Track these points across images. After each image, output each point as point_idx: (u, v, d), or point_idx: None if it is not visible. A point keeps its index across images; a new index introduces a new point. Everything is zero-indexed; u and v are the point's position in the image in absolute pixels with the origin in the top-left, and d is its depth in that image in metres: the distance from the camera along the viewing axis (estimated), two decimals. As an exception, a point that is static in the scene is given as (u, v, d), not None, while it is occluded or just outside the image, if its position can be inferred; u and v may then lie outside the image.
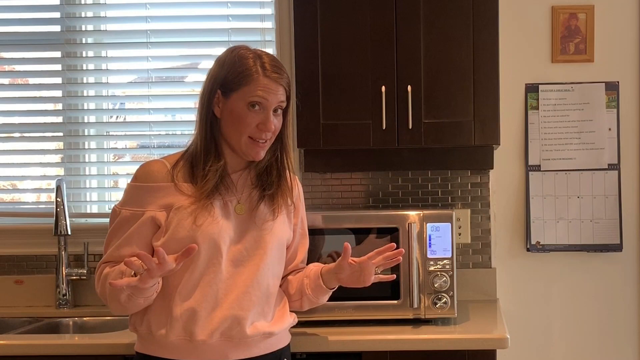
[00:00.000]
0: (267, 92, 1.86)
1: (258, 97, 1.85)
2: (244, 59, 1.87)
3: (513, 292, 2.85)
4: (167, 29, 2.98)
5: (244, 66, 1.86)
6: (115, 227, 1.92)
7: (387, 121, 2.46)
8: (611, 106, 2.81)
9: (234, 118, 1.86)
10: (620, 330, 2.85)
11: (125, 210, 1.90)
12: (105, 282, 1.86)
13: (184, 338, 1.86)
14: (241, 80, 1.85)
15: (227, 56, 1.90)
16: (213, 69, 1.92)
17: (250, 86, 1.85)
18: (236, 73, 1.86)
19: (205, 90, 1.91)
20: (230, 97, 1.87)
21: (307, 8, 2.49)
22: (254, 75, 1.85)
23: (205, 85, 1.92)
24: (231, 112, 1.87)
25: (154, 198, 1.88)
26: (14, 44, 3.01)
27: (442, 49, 2.47)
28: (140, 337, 1.94)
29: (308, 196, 2.87)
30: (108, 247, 1.93)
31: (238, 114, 1.86)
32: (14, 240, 2.93)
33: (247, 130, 1.87)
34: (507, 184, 2.86)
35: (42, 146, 3.05)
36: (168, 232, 1.85)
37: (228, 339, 1.89)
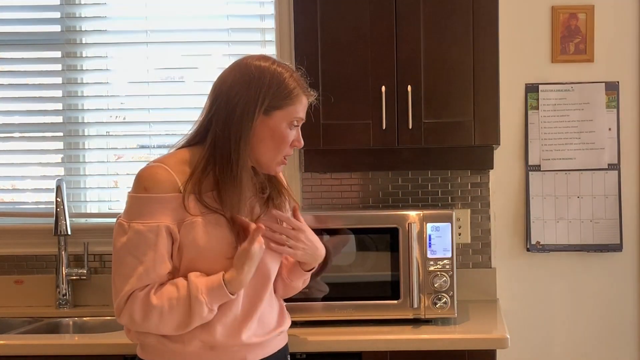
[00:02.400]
0: (305, 110, 1.89)
1: (301, 116, 1.87)
2: (282, 75, 1.83)
3: (513, 292, 2.85)
4: (167, 28, 2.98)
5: (285, 84, 1.83)
6: (130, 245, 1.76)
7: (387, 121, 2.46)
8: (611, 106, 2.81)
9: (275, 137, 1.84)
10: (620, 330, 2.85)
11: (137, 224, 1.76)
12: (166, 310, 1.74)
13: (202, 347, 1.83)
14: (287, 100, 1.83)
15: (263, 73, 1.82)
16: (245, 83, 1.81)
17: (296, 106, 1.84)
18: (279, 92, 1.82)
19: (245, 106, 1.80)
20: (273, 116, 1.83)
21: (307, 8, 2.49)
22: (300, 97, 1.85)
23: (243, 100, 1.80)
24: (274, 131, 1.83)
25: (166, 209, 1.77)
26: (14, 44, 3.01)
27: (442, 49, 2.48)
28: (146, 345, 1.87)
29: (308, 196, 2.87)
30: (127, 267, 1.76)
31: (282, 133, 1.84)
32: (14, 240, 2.93)
33: (285, 148, 1.86)
34: (507, 184, 2.86)
35: (42, 146, 3.05)
36: (183, 248, 1.79)
37: (247, 346, 1.88)
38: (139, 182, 1.79)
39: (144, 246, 1.75)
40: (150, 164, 1.83)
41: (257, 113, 1.80)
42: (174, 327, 1.77)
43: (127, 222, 1.77)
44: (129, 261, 1.76)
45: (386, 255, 2.40)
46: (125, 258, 1.76)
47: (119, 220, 1.80)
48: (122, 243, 1.77)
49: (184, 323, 1.77)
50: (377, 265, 2.41)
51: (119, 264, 1.78)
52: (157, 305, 1.74)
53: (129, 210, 1.79)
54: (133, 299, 1.75)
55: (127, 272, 1.76)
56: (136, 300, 1.75)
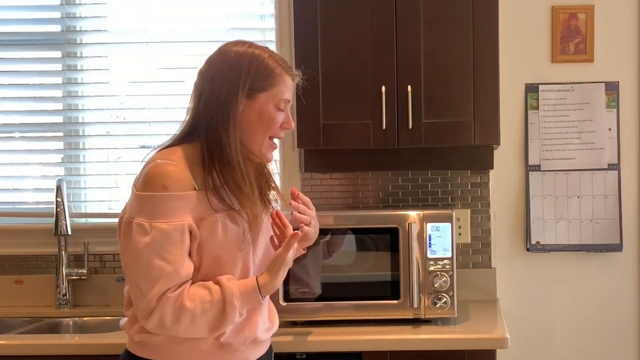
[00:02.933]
0: (290, 90, 1.87)
1: (286, 97, 1.85)
2: (261, 57, 1.83)
3: (513, 292, 2.86)
4: (167, 28, 2.98)
5: (265, 66, 1.82)
6: (156, 245, 1.70)
7: (387, 121, 2.46)
8: (611, 106, 2.81)
9: (263, 120, 1.82)
10: (620, 330, 2.85)
11: (161, 223, 1.70)
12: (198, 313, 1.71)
13: (213, 345, 1.82)
14: (269, 81, 1.82)
15: (241, 57, 1.82)
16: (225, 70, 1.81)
17: (280, 87, 1.83)
18: (260, 74, 1.81)
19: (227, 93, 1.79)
20: (257, 99, 1.81)
21: (307, 8, 2.49)
22: (283, 77, 1.84)
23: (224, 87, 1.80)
24: (260, 114, 1.82)
25: (187, 207, 1.74)
26: (14, 44, 3.01)
27: (442, 49, 2.48)
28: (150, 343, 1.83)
29: (308, 196, 2.85)
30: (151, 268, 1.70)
31: (269, 115, 1.82)
32: (14, 240, 2.93)
33: (273, 130, 1.84)
34: (507, 184, 2.86)
35: (42, 146, 3.05)
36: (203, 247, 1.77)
37: (253, 344, 1.90)
38: (156, 180, 1.74)
39: (170, 245, 1.71)
40: (159, 162, 1.77)
41: (240, 97, 1.80)
42: (203, 330, 1.75)
43: (149, 222, 1.71)
44: (156, 262, 1.70)
45: (386, 255, 2.40)
46: (151, 259, 1.70)
47: (136, 220, 1.72)
48: (145, 244, 1.70)
49: (215, 327, 1.75)
50: (377, 265, 2.41)
51: (144, 266, 1.71)
52: (190, 308, 1.70)
53: (147, 209, 1.72)
54: (165, 300, 1.70)
55: (156, 274, 1.70)
56: (168, 302, 1.70)
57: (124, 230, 1.79)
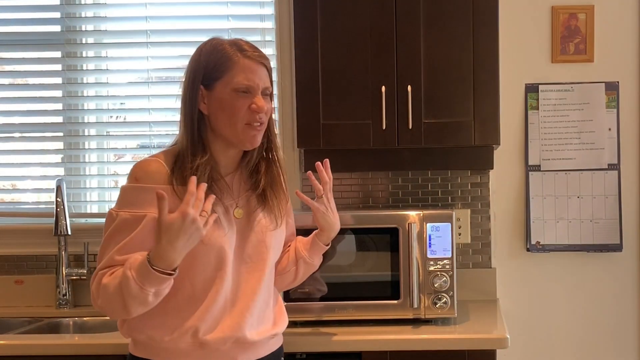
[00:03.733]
0: (251, 73, 1.80)
1: (243, 80, 1.80)
2: (220, 45, 1.83)
3: (513, 292, 2.85)
4: (167, 28, 2.98)
5: (220, 52, 1.81)
6: (113, 232, 1.78)
7: (387, 121, 2.46)
8: (611, 106, 2.81)
9: (224, 107, 1.80)
10: (620, 330, 2.85)
11: (124, 212, 1.78)
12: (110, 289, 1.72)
13: (193, 344, 1.82)
14: (222, 67, 1.80)
15: (202, 49, 1.86)
16: (190, 65, 1.86)
17: (233, 70, 1.79)
18: (215, 61, 1.81)
19: (186, 88, 1.84)
20: (215, 88, 1.81)
21: (307, 8, 2.49)
22: (234, 59, 1.80)
23: (185, 83, 1.85)
24: (220, 102, 1.81)
25: (154, 200, 1.75)
26: (14, 44, 3.01)
27: (442, 49, 2.48)
28: (138, 342, 1.88)
29: (308, 196, 2.86)
30: (105, 253, 1.79)
31: (227, 102, 1.80)
32: (14, 240, 2.93)
33: (240, 116, 1.80)
34: (507, 184, 2.86)
35: (42, 146, 3.05)
36: None
37: (238, 345, 1.87)
38: (132, 173, 1.83)
39: (124, 232, 1.77)
40: (144, 158, 1.87)
41: (198, 89, 1.81)
42: (116, 308, 1.75)
43: (116, 211, 1.80)
44: (110, 246, 1.78)
45: (386, 255, 2.40)
46: (108, 244, 1.79)
47: (109, 210, 1.83)
48: (110, 230, 1.79)
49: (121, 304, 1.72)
50: (377, 265, 2.41)
51: (102, 249, 1.80)
52: (104, 283, 1.74)
53: (119, 200, 1.83)
54: (95, 278, 1.78)
55: (103, 257, 1.79)
56: (96, 280, 1.77)
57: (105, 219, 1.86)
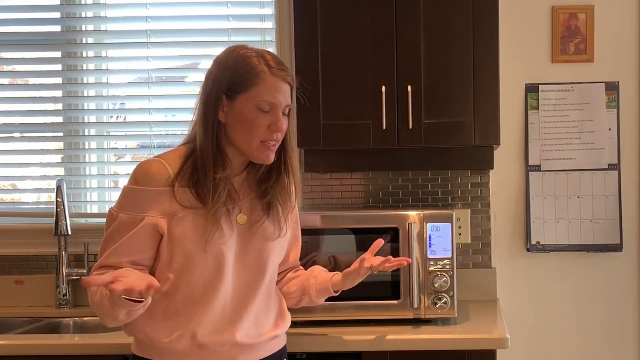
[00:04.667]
0: (276, 91, 1.78)
1: (267, 98, 1.77)
2: (247, 58, 1.78)
3: (513, 292, 2.85)
4: (167, 29, 2.98)
5: (248, 66, 1.77)
6: (112, 232, 1.80)
7: (387, 121, 2.46)
8: (611, 106, 2.81)
9: (243, 121, 1.78)
10: (620, 330, 2.85)
11: (124, 214, 1.78)
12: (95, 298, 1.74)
13: (191, 345, 1.82)
14: (248, 81, 1.77)
15: (228, 57, 1.81)
16: (214, 71, 1.82)
17: (259, 87, 1.76)
18: (241, 74, 1.77)
19: (208, 94, 1.80)
20: (237, 100, 1.78)
21: (307, 8, 2.49)
22: (261, 75, 1.77)
23: (208, 88, 1.81)
24: (240, 116, 1.78)
25: (155, 203, 1.77)
26: (14, 44, 3.01)
27: (442, 49, 2.48)
28: (139, 342, 1.88)
29: (308, 196, 2.87)
30: (103, 252, 1.81)
31: (248, 117, 1.77)
32: (14, 240, 2.93)
33: (259, 134, 1.78)
34: (507, 184, 2.86)
35: (42, 146, 3.05)
36: (173, 243, 1.79)
37: (237, 346, 1.87)
38: (133, 174, 1.83)
39: (121, 234, 1.79)
40: (148, 159, 1.86)
41: (220, 98, 1.79)
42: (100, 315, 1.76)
43: (116, 212, 1.80)
44: (107, 247, 1.80)
45: (386, 255, 2.39)
46: (106, 244, 1.81)
47: (110, 208, 1.84)
48: (109, 230, 1.81)
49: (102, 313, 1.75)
50: (377, 265, 2.41)
51: (101, 249, 1.82)
52: (92, 291, 1.76)
53: (120, 200, 1.82)
54: None
55: (100, 258, 1.81)
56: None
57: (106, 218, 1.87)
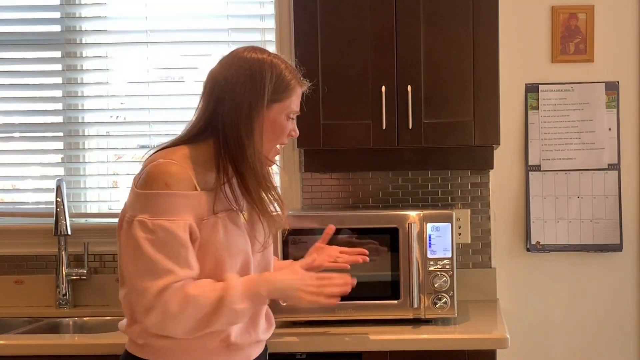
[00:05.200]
0: (299, 100, 1.92)
1: (296, 109, 1.90)
2: (281, 70, 1.85)
3: (513, 292, 2.85)
4: (167, 28, 2.98)
5: (284, 79, 1.85)
6: (160, 243, 1.69)
7: (387, 121, 2.46)
8: (611, 106, 2.81)
9: (275, 129, 1.85)
10: (620, 330, 2.85)
11: (165, 221, 1.70)
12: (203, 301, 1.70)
13: (219, 346, 1.83)
14: (284, 94, 1.85)
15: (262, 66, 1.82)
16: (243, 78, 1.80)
17: (292, 98, 1.87)
18: (278, 87, 1.83)
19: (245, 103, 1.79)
20: (272, 109, 1.83)
21: (307, 8, 2.49)
22: (296, 89, 1.87)
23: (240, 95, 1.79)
24: (272, 123, 1.84)
25: (189, 207, 1.74)
26: (14, 44, 3.01)
27: (442, 49, 2.47)
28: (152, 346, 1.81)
29: (308, 196, 2.88)
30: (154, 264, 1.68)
31: (280, 125, 1.86)
32: (14, 240, 2.93)
33: (282, 138, 1.89)
34: (507, 184, 2.86)
35: (42, 146, 3.05)
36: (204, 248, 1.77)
37: (257, 343, 1.93)
38: (158, 178, 1.73)
39: (175, 244, 1.70)
40: (161, 161, 1.76)
41: (263, 107, 1.81)
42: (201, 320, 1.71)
43: (151, 220, 1.69)
44: (159, 258, 1.68)
45: (386, 255, 2.40)
46: (153, 255, 1.68)
47: (138, 218, 1.71)
48: (148, 240, 1.69)
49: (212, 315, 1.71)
50: (377, 265, 2.41)
51: (145, 262, 1.69)
52: (194, 295, 1.69)
53: (149, 207, 1.71)
54: (169, 292, 1.67)
55: (158, 269, 1.68)
56: (172, 292, 1.68)
57: (125, 230, 1.76)
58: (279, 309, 2.34)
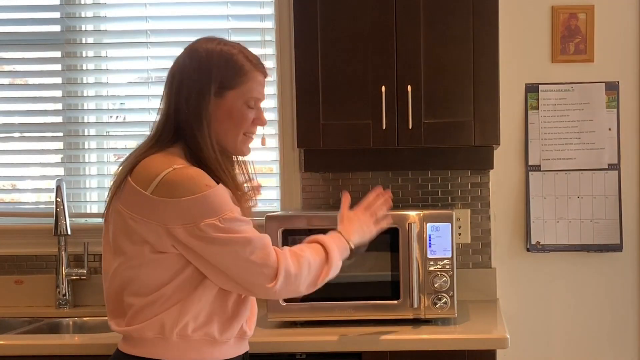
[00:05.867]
0: (262, 87, 1.86)
1: (256, 95, 1.84)
2: (232, 55, 1.82)
3: (513, 292, 2.85)
4: (167, 28, 2.98)
5: (236, 64, 1.82)
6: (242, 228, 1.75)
7: (387, 121, 2.46)
8: (611, 106, 2.81)
9: (233, 117, 1.82)
10: (620, 330, 2.85)
11: (226, 213, 1.73)
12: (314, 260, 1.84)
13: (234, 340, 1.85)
14: (237, 79, 1.81)
15: (210, 54, 1.81)
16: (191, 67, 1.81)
17: (249, 85, 1.82)
18: (229, 72, 1.80)
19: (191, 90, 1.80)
20: (226, 97, 1.81)
21: (307, 8, 2.49)
22: (250, 73, 1.83)
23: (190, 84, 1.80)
24: (229, 112, 1.81)
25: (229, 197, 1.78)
26: (14, 44, 3.01)
27: (442, 49, 2.47)
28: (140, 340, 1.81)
29: (308, 196, 2.87)
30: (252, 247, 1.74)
31: (237, 113, 1.82)
32: (14, 240, 2.93)
33: (245, 126, 1.84)
34: (507, 184, 2.86)
35: (42, 146, 3.05)
36: None
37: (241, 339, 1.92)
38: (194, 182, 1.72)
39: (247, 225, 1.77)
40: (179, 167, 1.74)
41: (210, 96, 1.79)
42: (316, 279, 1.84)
43: (217, 218, 1.71)
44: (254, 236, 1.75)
45: (386, 255, 2.40)
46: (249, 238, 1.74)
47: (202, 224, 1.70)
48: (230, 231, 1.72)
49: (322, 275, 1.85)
50: (377, 265, 2.41)
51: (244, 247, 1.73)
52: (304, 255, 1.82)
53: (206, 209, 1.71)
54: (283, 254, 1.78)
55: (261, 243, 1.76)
56: (286, 254, 1.79)
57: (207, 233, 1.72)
58: (278, 309, 2.35)
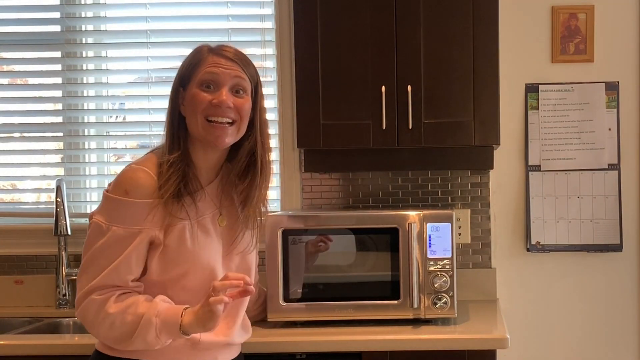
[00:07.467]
0: (215, 67, 1.81)
1: (207, 74, 1.81)
2: (198, 47, 1.87)
3: (513, 292, 2.85)
4: (167, 29, 2.98)
5: (195, 52, 1.86)
6: (103, 246, 1.75)
7: (387, 121, 2.46)
8: (611, 106, 2.81)
9: (190, 103, 1.82)
10: (620, 330, 2.85)
11: (118, 227, 1.74)
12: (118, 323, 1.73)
13: (185, 344, 1.82)
14: (194, 66, 1.83)
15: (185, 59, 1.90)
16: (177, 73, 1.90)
17: (201, 67, 1.82)
18: (190, 62, 1.85)
19: (170, 93, 1.87)
20: (189, 88, 1.83)
21: (307, 8, 2.49)
22: (203, 56, 1.84)
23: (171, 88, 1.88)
24: (190, 100, 1.82)
25: (150, 215, 1.75)
26: (14, 44, 3.01)
27: (442, 49, 2.47)
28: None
29: (308, 196, 2.87)
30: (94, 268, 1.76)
31: (193, 97, 1.81)
32: (14, 240, 2.93)
33: (200, 109, 1.79)
34: (507, 184, 2.86)
35: (42, 146, 3.06)
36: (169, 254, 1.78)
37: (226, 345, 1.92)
38: (120, 184, 1.78)
39: (117, 249, 1.74)
40: (133, 166, 1.80)
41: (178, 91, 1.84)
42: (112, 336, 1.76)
43: (107, 224, 1.75)
44: (100, 262, 1.75)
45: (386, 255, 2.40)
46: (97, 259, 1.76)
47: (95, 219, 1.77)
48: (100, 244, 1.75)
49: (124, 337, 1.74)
50: (377, 265, 2.41)
51: (89, 264, 1.77)
52: (112, 313, 1.74)
53: (107, 211, 1.77)
54: (90, 301, 1.76)
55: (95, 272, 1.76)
56: (93, 304, 1.75)
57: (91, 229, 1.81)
58: (278, 309, 2.35)
